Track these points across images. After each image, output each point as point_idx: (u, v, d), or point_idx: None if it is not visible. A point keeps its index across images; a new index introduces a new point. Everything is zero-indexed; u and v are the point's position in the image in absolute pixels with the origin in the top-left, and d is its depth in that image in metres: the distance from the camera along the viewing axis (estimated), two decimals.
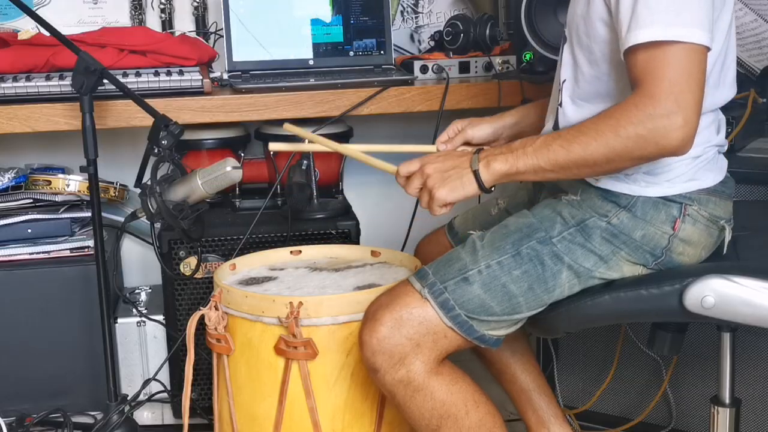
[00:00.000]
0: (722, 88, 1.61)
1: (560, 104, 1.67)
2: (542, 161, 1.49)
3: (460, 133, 1.86)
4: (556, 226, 1.60)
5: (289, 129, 1.86)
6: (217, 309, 1.83)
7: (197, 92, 2.19)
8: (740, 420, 1.75)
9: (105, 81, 1.96)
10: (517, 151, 1.52)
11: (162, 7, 2.62)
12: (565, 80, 1.66)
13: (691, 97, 1.40)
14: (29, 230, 2.33)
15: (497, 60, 2.45)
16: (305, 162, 2.31)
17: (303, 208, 2.32)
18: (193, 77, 2.20)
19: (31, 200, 2.38)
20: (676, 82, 1.40)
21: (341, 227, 2.32)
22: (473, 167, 1.54)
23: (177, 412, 2.38)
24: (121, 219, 2.42)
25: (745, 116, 2.04)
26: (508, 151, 1.53)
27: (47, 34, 1.97)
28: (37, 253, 2.33)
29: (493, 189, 1.55)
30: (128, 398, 2.15)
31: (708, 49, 1.43)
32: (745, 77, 2.24)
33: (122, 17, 2.61)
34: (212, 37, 2.65)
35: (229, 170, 1.91)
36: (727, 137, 1.72)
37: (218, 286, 1.86)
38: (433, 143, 1.86)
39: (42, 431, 2.27)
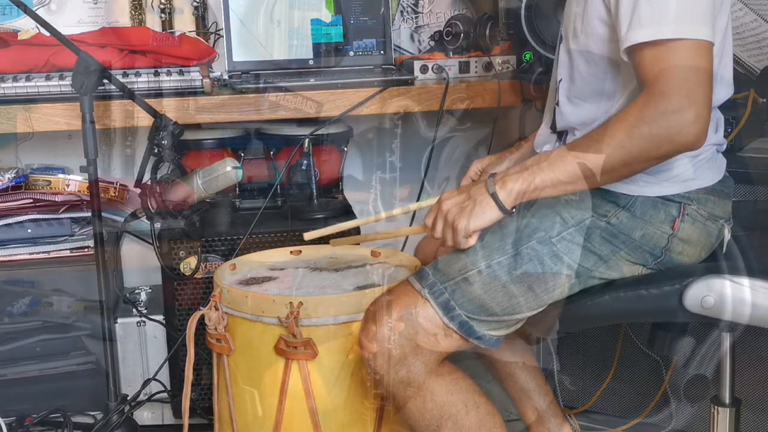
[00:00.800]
0: (719, 86, 1.61)
1: (557, 103, 1.67)
2: (559, 174, 1.47)
3: (483, 173, 1.86)
4: (556, 226, 1.60)
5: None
6: (217, 309, 1.83)
7: (197, 92, 2.19)
8: (740, 420, 1.75)
9: (105, 81, 1.96)
10: (531, 168, 1.50)
11: (162, 7, 2.62)
12: (561, 79, 1.66)
13: (701, 92, 1.40)
14: (29, 230, 2.33)
15: (497, 60, 2.44)
16: (305, 162, 2.31)
17: (303, 208, 2.32)
18: (193, 77, 2.20)
19: (31, 200, 2.37)
20: (685, 78, 1.39)
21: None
22: (490, 190, 1.52)
23: (177, 412, 2.38)
24: (121, 219, 2.42)
25: (745, 116, 2.04)
26: (522, 169, 1.51)
27: (47, 34, 1.97)
28: (37, 253, 2.33)
29: (514, 210, 1.53)
30: (128, 398, 2.15)
31: (712, 44, 1.43)
32: (745, 77, 2.24)
33: (122, 17, 2.61)
34: (212, 37, 2.65)
35: (229, 170, 1.91)
36: (727, 137, 1.72)
37: (218, 286, 1.86)
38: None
39: (42, 431, 2.27)
